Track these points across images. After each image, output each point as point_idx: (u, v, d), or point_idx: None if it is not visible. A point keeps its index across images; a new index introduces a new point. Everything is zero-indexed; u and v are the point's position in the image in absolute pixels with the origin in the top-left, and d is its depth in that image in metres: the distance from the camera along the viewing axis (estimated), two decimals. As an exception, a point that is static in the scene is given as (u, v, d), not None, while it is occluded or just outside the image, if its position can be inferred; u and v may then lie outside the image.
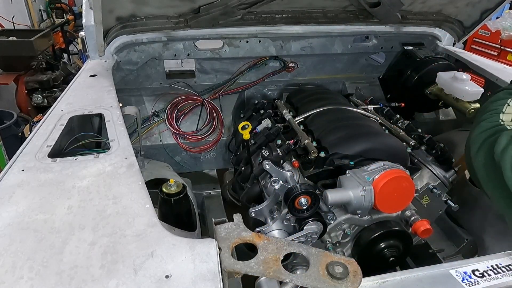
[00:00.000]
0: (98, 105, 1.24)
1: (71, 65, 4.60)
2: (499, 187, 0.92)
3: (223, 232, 0.78)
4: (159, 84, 2.04)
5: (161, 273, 0.64)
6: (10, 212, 0.76)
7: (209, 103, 2.14)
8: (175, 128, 2.14)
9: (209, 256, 0.68)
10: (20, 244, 0.69)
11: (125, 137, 1.05)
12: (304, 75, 2.18)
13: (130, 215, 0.76)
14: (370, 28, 1.97)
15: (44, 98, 3.61)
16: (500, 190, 0.92)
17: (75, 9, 6.27)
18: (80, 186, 0.84)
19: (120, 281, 0.62)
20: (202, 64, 2.04)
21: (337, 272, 0.69)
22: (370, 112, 1.77)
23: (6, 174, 0.88)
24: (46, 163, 0.93)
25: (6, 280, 0.62)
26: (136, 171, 0.90)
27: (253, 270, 0.69)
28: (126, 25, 1.70)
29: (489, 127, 1.02)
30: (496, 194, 0.96)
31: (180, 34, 1.83)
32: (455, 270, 0.78)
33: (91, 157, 0.96)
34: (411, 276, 0.77)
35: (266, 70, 2.11)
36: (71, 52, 5.28)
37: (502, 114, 1.03)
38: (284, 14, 1.81)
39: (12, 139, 3.01)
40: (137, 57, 1.87)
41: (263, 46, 1.98)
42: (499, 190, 0.92)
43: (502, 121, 1.02)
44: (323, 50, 2.06)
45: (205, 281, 0.63)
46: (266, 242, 0.76)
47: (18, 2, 5.42)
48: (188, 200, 1.28)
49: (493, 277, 0.77)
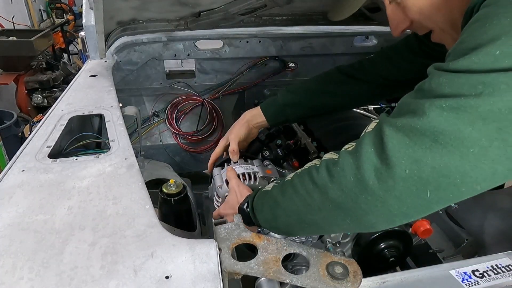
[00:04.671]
0: (98, 105, 1.24)
1: (71, 65, 4.61)
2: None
3: (223, 232, 0.78)
4: (159, 84, 2.04)
5: (161, 273, 0.64)
6: (10, 213, 0.76)
7: (209, 103, 2.14)
8: (175, 128, 2.14)
9: (209, 256, 0.68)
10: (20, 245, 0.69)
11: (125, 138, 1.05)
12: (304, 75, 2.18)
13: (130, 216, 0.76)
14: (370, 28, 1.97)
15: (44, 98, 3.61)
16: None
17: (75, 9, 6.27)
18: (80, 187, 0.85)
19: (120, 281, 0.62)
20: (202, 64, 2.04)
21: (337, 273, 0.69)
22: (370, 112, 1.77)
23: (6, 175, 0.88)
24: (46, 164, 0.93)
25: (6, 281, 0.62)
26: (136, 172, 0.90)
27: (253, 270, 0.69)
28: (127, 28, 1.71)
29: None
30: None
31: (180, 34, 1.84)
32: (455, 271, 0.78)
33: (91, 158, 0.96)
34: (411, 276, 0.77)
35: (266, 70, 2.11)
36: (71, 52, 5.29)
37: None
38: (284, 17, 1.82)
39: (12, 139, 3.01)
40: (137, 57, 1.87)
41: (263, 46, 1.98)
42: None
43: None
44: (323, 50, 2.06)
45: (205, 282, 0.63)
46: (266, 242, 0.77)
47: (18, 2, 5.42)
48: (188, 200, 1.28)
49: (493, 277, 0.77)
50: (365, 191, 0.60)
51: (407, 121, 0.58)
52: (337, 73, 1.27)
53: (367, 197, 0.60)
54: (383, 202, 0.59)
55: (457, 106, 0.53)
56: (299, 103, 1.26)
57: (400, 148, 0.57)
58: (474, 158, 0.52)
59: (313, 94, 1.26)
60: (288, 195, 0.76)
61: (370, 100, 1.43)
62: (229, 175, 1.13)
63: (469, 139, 0.52)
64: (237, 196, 1.01)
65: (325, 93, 1.25)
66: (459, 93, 0.53)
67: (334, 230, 0.75)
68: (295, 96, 1.27)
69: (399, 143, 0.57)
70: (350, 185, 0.62)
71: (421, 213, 0.60)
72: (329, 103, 1.26)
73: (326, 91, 1.26)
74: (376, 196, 0.59)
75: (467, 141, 0.52)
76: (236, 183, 1.07)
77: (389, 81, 1.19)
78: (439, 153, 0.54)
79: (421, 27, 0.83)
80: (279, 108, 1.28)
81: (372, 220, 0.62)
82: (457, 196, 0.56)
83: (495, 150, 0.51)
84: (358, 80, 1.22)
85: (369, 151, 0.61)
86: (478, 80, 0.51)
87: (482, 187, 0.55)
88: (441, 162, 0.53)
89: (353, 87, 1.23)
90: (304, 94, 1.27)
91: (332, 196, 0.65)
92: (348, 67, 1.25)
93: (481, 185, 0.54)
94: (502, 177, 0.54)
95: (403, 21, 0.83)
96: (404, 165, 0.56)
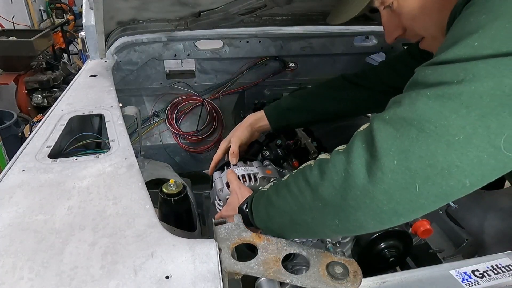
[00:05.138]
0: (98, 105, 1.24)
1: (71, 65, 4.60)
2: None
3: (223, 232, 0.78)
4: (159, 84, 2.04)
5: (161, 273, 0.64)
6: (10, 213, 0.76)
7: (209, 103, 2.14)
8: (175, 128, 2.14)
9: (209, 256, 0.68)
10: (20, 245, 0.69)
11: (125, 138, 1.05)
12: (304, 75, 2.18)
13: (130, 216, 0.76)
14: (370, 28, 1.97)
15: (44, 98, 3.61)
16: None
17: (75, 9, 6.27)
18: (80, 187, 0.85)
19: (120, 281, 0.63)
20: (202, 64, 2.04)
21: (337, 273, 0.69)
22: (371, 113, 1.77)
23: (6, 175, 0.88)
24: (46, 164, 0.93)
25: (6, 281, 0.62)
26: (136, 172, 0.90)
27: (253, 270, 0.70)
28: (127, 28, 1.71)
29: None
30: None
31: (180, 34, 1.84)
32: (455, 271, 0.78)
33: (91, 158, 0.96)
34: (411, 276, 0.77)
35: (266, 70, 2.11)
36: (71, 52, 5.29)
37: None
38: (284, 17, 1.82)
39: (12, 139, 3.01)
40: (137, 57, 1.87)
41: (263, 46, 1.98)
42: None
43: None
44: (323, 50, 2.06)
45: (205, 282, 0.63)
46: (266, 242, 0.77)
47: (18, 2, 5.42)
48: (188, 200, 1.28)
49: (493, 277, 0.77)
50: (354, 186, 0.60)
51: (394, 112, 0.59)
52: (341, 79, 1.28)
53: (356, 192, 0.60)
54: (371, 198, 0.58)
55: (442, 94, 0.54)
56: (303, 108, 1.27)
57: (387, 139, 0.57)
58: (460, 146, 0.52)
59: (317, 99, 1.27)
60: (282, 195, 0.76)
61: (373, 108, 1.45)
62: (230, 177, 1.13)
63: (454, 127, 0.53)
64: (239, 197, 1.01)
65: (329, 99, 1.26)
66: (442, 80, 0.55)
67: (324, 232, 0.74)
68: (298, 101, 1.28)
69: (386, 135, 0.58)
70: (341, 180, 0.62)
71: (411, 210, 0.59)
72: (332, 109, 1.27)
73: (329, 96, 1.26)
74: (365, 191, 0.59)
75: (452, 128, 0.53)
76: (237, 185, 1.07)
77: (392, 88, 1.20)
78: (425, 142, 0.54)
79: (414, 35, 0.85)
80: (283, 112, 1.28)
81: (360, 218, 0.62)
82: (447, 192, 0.56)
83: (479, 137, 0.52)
84: (361, 87, 1.23)
85: (360, 146, 0.61)
86: (460, 67, 0.54)
87: (470, 181, 0.54)
88: (428, 151, 0.54)
89: (356, 94, 1.24)
90: (308, 99, 1.27)
91: (322, 194, 0.65)
92: (352, 75, 1.27)
93: (469, 179, 0.54)
94: (489, 169, 0.54)
95: (396, 28, 0.84)
96: (392, 156, 0.56)
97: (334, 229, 0.69)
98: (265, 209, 0.81)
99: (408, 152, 0.55)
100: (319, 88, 1.30)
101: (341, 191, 0.62)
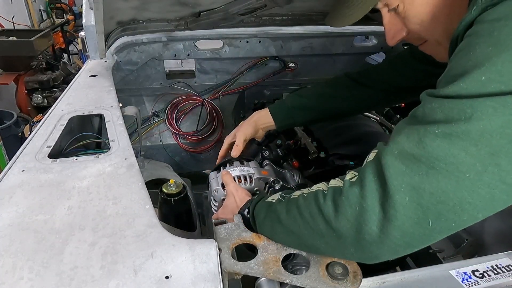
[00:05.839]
0: (98, 105, 1.24)
1: (71, 65, 4.60)
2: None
3: (223, 232, 0.78)
4: (159, 84, 2.04)
5: (161, 273, 0.64)
6: (10, 213, 0.76)
7: (209, 103, 2.14)
8: (175, 128, 2.14)
9: (209, 256, 0.68)
10: (20, 245, 0.69)
11: (125, 138, 1.05)
12: (305, 75, 2.18)
13: (130, 216, 0.76)
14: (370, 28, 1.97)
15: (44, 98, 3.61)
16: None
17: (75, 9, 6.26)
18: (80, 187, 0.85)
19: (120, 281, 0.63)
20: (202, 64, 2.04)
21: (337, 273, 0.69)
22: (370, 112, 1.77)
23: (6, 175, 0.88)
24: (46, 164, 0.93)
25: (6, 281, 0.62)
26: (136, 172, 0.90)
27: (253, 270, 0.70)
28: (127, 28, 1.71)
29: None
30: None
31: (180, 34, 1.84)
32: (455, 271, 0.78)
33: (91, 158, 0.96)
34: (411, 276, 0.77)
35: (266, 70, 2.11)
36: (71, 52, 5.29)
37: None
38: (284, 17, 1.82)
39: (12, 139, 3.01)
40: (137, 57, 1.87)
41: (263, 46, 1.98)
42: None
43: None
44: (323, 50, 2.06)
45: (205, 282, 0.63)
46: (266, 242, 0.77)
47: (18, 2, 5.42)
48: (188, 200, 1.28)
49: (493, 278, 0.77)
50: (369, 221, 0.60)
51: (402, 148, 0.59)
52: (344, 78, 1.28)
53: (372, 227, 0.60)
54: (386, 234, 0.59)
55: (450, 132, 0.54)
56: (307, 106, 1.27)
57: (397, 176, 0.57)
58: (471, 183, 0.52)
59: (321, 97, 1.27)
60: (292, 215, 0.75)
61: (376, 106, 1.45)
62: (225, 179, 1.11)
63: (464, 164, 0.53)
64: (236, 200, 1.00)
65: (332, 97, 1.27)
66: (450, 117, 0.54)
67: (335, 256, 0.75)
68: (303, 99, 1.28)
69: (396, 171, 0.58)
70: (355, 214, 0.62)
71: (424, 242, 0.60)
72: (336, 107, 1.27)
73: (333, 95, 1.27)
74: (380, 227, 0.59)
75: (462, 166, 0.53)
76: (234, 187, 1.06)
77: (393, 87, 1.20)
78: (435, 178, 0.54)
79: (417, 38, 0.84)
80: (287, 111, 1.28)
81: (375, 251, 0.62)
82: (460, 225, 0.56)
83: (490, 175, 0.52)
84: (364, 85, 1.23)
85: (372, 180, 0.61)
86: (467, 104, 0.53)
87: (483, 214, 0.55)
88: (438, 188, 0.54)
89: (359, 92, 1.24)
90: (312, 98, 1.27)
91: (337, 226, 0.65)
92: (355, 73, 1.27)
93: (482, 213, 0.55)
94: (502, 203, 0.54)
95: (400, 31, 0.83)
96: (403, 193, 0.56)
97: (349, 256, 0.69)
98: (271, 222, 0.80)
99: (419, 188, 0.55)
100: (323, 87, 1.30)
101: (356, 225, 0.62)
